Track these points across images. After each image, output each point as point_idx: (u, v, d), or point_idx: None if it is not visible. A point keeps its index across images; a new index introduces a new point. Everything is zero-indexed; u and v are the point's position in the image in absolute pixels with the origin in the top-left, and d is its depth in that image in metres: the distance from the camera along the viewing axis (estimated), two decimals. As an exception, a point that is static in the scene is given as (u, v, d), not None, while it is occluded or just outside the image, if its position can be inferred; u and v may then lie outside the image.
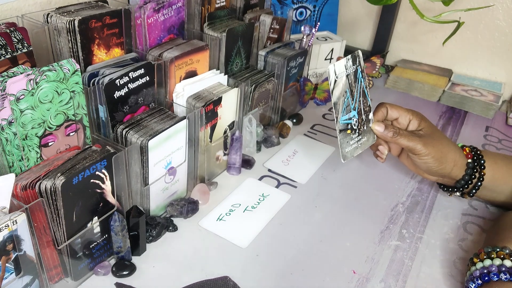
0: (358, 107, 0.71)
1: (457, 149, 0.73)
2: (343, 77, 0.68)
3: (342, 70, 0.68)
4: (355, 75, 0.70)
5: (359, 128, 0.71)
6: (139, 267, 0.62)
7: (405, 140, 0.69)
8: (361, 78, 0.71)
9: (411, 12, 0.99)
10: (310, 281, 0.62)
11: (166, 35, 0.78)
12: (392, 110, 0.73)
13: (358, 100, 0.71)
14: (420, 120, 0.72)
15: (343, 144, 0.69)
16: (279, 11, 1.18)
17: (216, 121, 0.75)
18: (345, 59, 0.68)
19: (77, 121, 0.60)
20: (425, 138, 0.70)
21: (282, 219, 0.72)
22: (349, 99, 0.69)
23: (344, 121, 0.69)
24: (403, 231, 0.72)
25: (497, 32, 1.17)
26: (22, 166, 0.55)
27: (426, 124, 0.72)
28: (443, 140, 0.72)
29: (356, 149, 0.71)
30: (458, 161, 0.72)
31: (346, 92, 0.69)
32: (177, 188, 0.72)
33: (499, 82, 1.21)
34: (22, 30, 0.58)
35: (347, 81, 0.69)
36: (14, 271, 0.49)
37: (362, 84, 0.72)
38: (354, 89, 0.70)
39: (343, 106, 0.69)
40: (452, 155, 0.71)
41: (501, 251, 0.58)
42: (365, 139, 0.72)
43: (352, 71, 0.69)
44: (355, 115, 0.70)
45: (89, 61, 0.66)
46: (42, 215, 0.50)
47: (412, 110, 0.73)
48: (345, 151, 0.70)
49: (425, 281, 0.63)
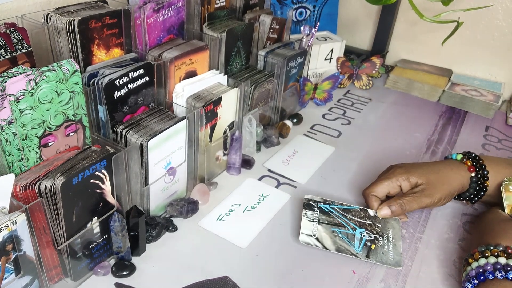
0: (355, 221, 0.70)
1: (456, 168, 0.72)
2: (318, 228, 0.68)
3: (310, 226, 0.68)
4: (323, 212, 0.71)
5: (376, 232, 0.69)
6: (139, 267, 0.62)
7: (415, 204, 0.69)
8: (329, 207, 0.71)
9: (411, 12, 0.99)
10: (310, 281, 0.62)
11: (165, 35, 0.78)
12: (377, 191, 0.71)
13: (348, 220, 0.70)
14: (407, 178, 0.70)
15: (382, 258, 0.65)
16: (278, 11, 1.18)
17: (216, 121, 0.75)
18: (303, 218, 0.69)
19: (76, 121, 0.60)
20: (427, 190, 0.69)
21: (282, 219, 0.72)
22: (342, 232, 0.68)
23: (360, 247, 0.66)
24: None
25: (496, 32, 1.17)
26: (21, 166, 0.55)
27: (415, 176, 0.70)
28: (440, 176, 0.71)
29: (395, 246, 0.67)
30: (463, 179, 0.72)
31: (334, 231, 0.68)
32: (177, 188, 0.72)
33: (499, 82, 1.21)
34: (21, 31, 0.58)
35: (325, 226, 0.68)
36: (14, 271, 0.49)
37: (336, 208, 0.72)
38: (337, 221, 0.69)
39: (346, 241, 0.67)
40: (454, 178, 0.71)
41: (494, 249, 0.58)
42: (391, 230, 0.70)
43: (318, 215, 0.70)
44: (360, 231, 0.68)
45: (88, 61, 0.66)
46: (42, 215, 0.50)
47: (393, 174, 0.71)
48: (391, 259, 0.65)
49: (425, 281, 0.63)
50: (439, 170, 0.72)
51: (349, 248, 0.66)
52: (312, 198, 0.73)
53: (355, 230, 0.68)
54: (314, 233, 0.67)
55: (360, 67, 1.18)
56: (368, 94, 1.17)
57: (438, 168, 0.72)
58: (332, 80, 1.06)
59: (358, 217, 0.71)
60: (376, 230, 0.69)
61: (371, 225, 0.70)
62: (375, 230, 0.69)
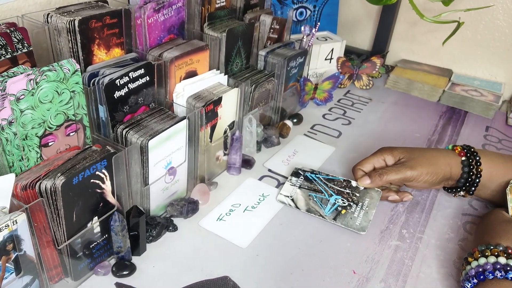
0: (333, 189, 0.75)
1: (445, 152, 0.75)
2: (297, 191, 0.75)
3: (290, 189, 0.75)
4: (307, 180, 0.77)
5: (352, 200, 0.73)
6: (139, 267, 0.62)
7: (394, 174, 0.71)
8: (315, 176, 0.78)
9: (411, 12, 0.99)
10: (310, 281, 0.62)
11: (166, 35, 0.78)
12: (364, 165, 0.75)
13: (328, 188, 0.75)
14: (391, 153, 0.74)
15: (349, 222, 0.70)
16: (279, 11, 1.18)
17: (216, 121, 0.75)
18: (287, 181, 0.77)
19: (77, 121, 0.60)
20: (408, 162, 0.72)
21: (282, 219, 0.72)
22: (318, 195, 0.74)
23: (330, 210, 0.72)
24: (403, 231, 0.72)
25: (497, 32, 1.17)
26: (22, 166, 0.55)
27: (399, 151, 0.74)
28: (426, 154, 0.74)
29: (367, 213, 0.71)
30: (452, 161, 0.73)
31: (311, 195, 0.74)
32: (177, 188, 0.72)
33: (499, 82, 1.21)
34: (22, 30, 0.58)
35: (303, 190, 0.75)
36: (14, 271, 0.49)
37: (320, 177, 0.78)
38: (317, 187, 0.75)
39: (318, 204, 0.72)
40: (443, 160, 0.73)
41: (495, 249, 0.58)
42: (368, 200, 0.74)
43: (301, 181, 0.77)
44: (335, 198, 0.74)
45: (89, 61, 0.66)
46: (42, 215, 0.50)
47: (380, 150, 0.76)
48: (357, 224, 0.70)
49: (425, 281, 0.63)
50: (426, 150, 0.75)
51: (319, 210, 0.71)
52: (302, 168, 0.79)
53: (331, 196, 0.73)
54: (291, 194, 0.74)
55: (360, 67, 1.18)
56: (368, 94, 1.17)
57: (426, 149, 0.76)
58: (333, 80, 1.06)
59: (339, 186, 0.76)
60: (352, 198, 0.73)
61: (350, 194, 0.74)
62: (352, 198, 0.73)
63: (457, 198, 0.79)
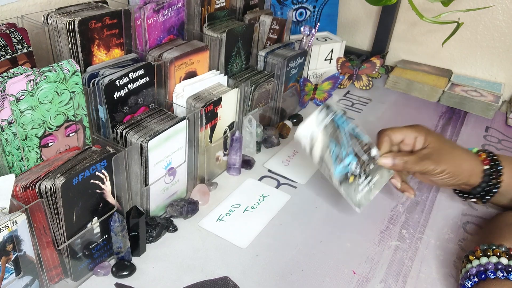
0: (354, 151, 0.67)
1: (471, 157, 0.70)
2: (319, 134, 0.65)
3: (314, 128, 0.65)
4: (332, 124, 0.67)
5: (364, 170, 0.67)
6: (139, 268, 0.62)
7: (417, 167, 0.67)
8: (343, 122, 0.67)
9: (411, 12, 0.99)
10: (310, 281, 0.62)
11: (166, 35, 0.78)
12: (395, 134, 0.70)
13: (349, 145, 0.67)
14: (425, 135, 0.69)
15: (351, 193, 0.65)
16: (279, 12, 1.18)
17: (216, 122, 0.75)
18: (312, 116, 0.65)
19: (77, 122, 0.60)
20: (435, 155, 0.67)
21: (282, 219, 0.72)
22: (336, 149, 0.66)
23: (339, 173, 0.65)
24: (403, 231, 0.72)
25: (496, 33, 1.17)
26: (22, 166, 0.55)
27: (432, 138, 0.69)
28: (454, 152, 0.69)
29: (370, 192, 0.67)
30: (475, 169, 0.69)
31: (329, 145, 0.65)
32: (177, 188, 0.72)
33: (499, 82, 1.21)
34: (22, 31, 0.58)
35: (325, 136, 0.66)
36: (14, 272, 0.49)
37: (347, 127, 0.68)
38: (339, 138, 0.66)
39: (332, 159, 0.65)
40: (467, 165, 0.69)
41: (497, 249, 0.57)
42: (377, 177, 0.68)
43: (328, 122, 0.66)
44: (351, 160, 0.66)
45: (89, 62, 0.66)
46: (42, 216, 0.50)
47: (416, 126, 0.70)
48: (356, 199, 0.66)
49: (425, 281, 0.63)
50: (455, 149, 0.70)
51: (330, 167, 0.65)
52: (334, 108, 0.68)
53: (347, 156, 0.66)
54: (311, 136, 0.65)
55: (360, 67, 1.18)
56: (368, 95, 1.17)
57: (455, 147, 0.71)
58: (332, 81, 1.06)
59: (360, 147, 0.67)
60: (365, 168, 0.67)
61: (365, 162, 0.67)
62: (365, 168, 0.67)
63: (457, 197, 0.79)
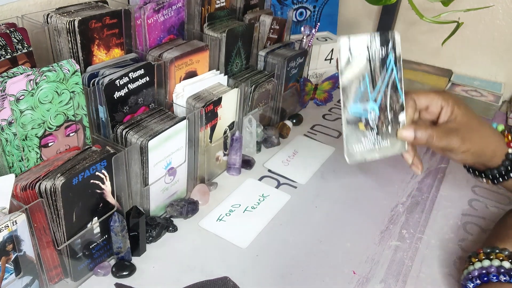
0: (382, 101, 0.57)
1: (497, 137, 0.63)
2: (363, 58, 0.56)
3: (362, 49, 0.56)
4: (382, 60, 0.57)
5: (379, 128, 0.58)
6: (139, 268, 0.62)
7: (443, 142, 0.59)
8: (393, 67, 0.58)
9: (411, 12, 0.99)
10: (310, 282, 0.62)
11: (166, 35, 0.78)
12: (420, 98, 0.61)
13: (382, 92, 0.57)
14: (452, 106, 0.60)
15: (350, 138, 0.56)
16: (279, 12, 1.18)
17: (216, 122, 0.75)
18: (368, 35, 0.56)
19: (77, 122, 0.60)
20: (462, 132, 0.59)
21: (282, 219, 0.72)
22: (368, 87, 0.56)
23: (355, 112, 0.56)
24: (403, 231, 0.72)
25: (496, 32, 1.17)
26: (22, 166, 0.55)
27: (460, 110, 0.60)
28: (482, 130, 0.61)
29: (371, 152, 0.58)
30: (498, 151, 0.62)
31: (365, 77, 0.56)
32: (177, 188, 0.72)
33: (499, 82, 1.20)
34: (22, 31, 0.58)
35: (368, 65, 0.56)
36: (14, 272, 0.49)
37: (395, 75, 0.58)
38: (379, 78, 0.57)
39: (357, 94, 0.56)
40: (492, 146, 0.62)
41: (500, 253, 0.56)
42: (387, 144, 0.59)
43: (379, 55, 0.57)
44: (374, 108, 0.57)
45: (89, 62, 0.66)
46: (42, 216, 0.50)
47: (443, 94, 0.61)
48: (353, 148, 0.57)
49: (425, 281, 0.63)
50: (483, 126, 0.62)
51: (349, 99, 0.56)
52: (399, 47, 0.60)
53: (373, 101, 0.57)
54: (356, 54, 0.56)
55: (360, 67, 1.18)
56: (368, 95, 1.17)
57: (483, 123, 0.63)
58: (332, 81, 1.06)
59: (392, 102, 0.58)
60: (382, 127, 0.58)
61: (384, 120, 0.58)
62: (382, 125, 0.58)
63: (458, 198, 0.79)
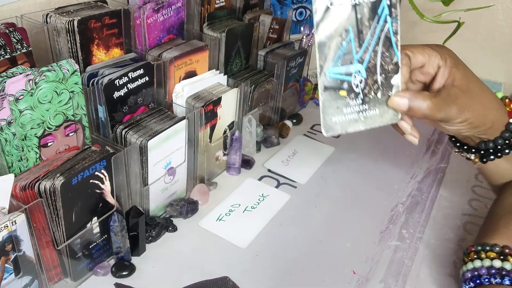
0: (371, 62, 0.47)
1: (498, 105, 0.56)
2: (347, 5, 0.45)
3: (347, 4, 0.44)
4: (373, 7, 0.46)
5: (365, 94, 0.47)
6: (138, 268, 0.62)
7: (441, 114, 0.51)
8: (387, 18, 0.48)
9: (411, 12, 0.99)
10: (309, 282, 0.62)
11: (165, 35, 0.78)
12: (415, 55, 0.52)
13: (371, 51, 0.47)
14: (451, 67, 0.53)
15: (328, 108, 0.46)
16: (278, 11, 1.18)
17: (216, 121, 0.75)
18: None
19: (76, 122, 0.60)
20: (462, 99, 0.52)
21: (282, 219, 0.72)
22: (352, 43, 0.46)
23: (335, 75, 0.46)
24: (403, 231, 0.72)
25: (497, 32, 1.17)
26: (21, 166, 0.55)
27: (459, 73, 0.53)
28: (483, 96, 0.54)
29: (354, 123, 0.48)
30: (498, 121, 0.55)
31: (348, 31, 0.45)
32: (176, 188, 0.72)
33: (499, 82, 1.20)
34: (21, 31, 0.58)
35: (353, 15, 0.45)
36: (13, 272, 0.49)
37: (389, 26, 0.48)
38: (367, 32, 0.46)
39: (338, 52, 0.45)
40: (493, 115, 0.55)
41: (490, 251, 0.54)
42: (375, 112, 0.48)
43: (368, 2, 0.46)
44: (360, 71, 0.47)
45: (88, 62, 0.66)
46: (42, 216, 0.50)
47: (441, 49, 0.53)
48: (332, 120, 0.47)
49: (425, 281, 0.63)
50: (485, 90, 0.55)
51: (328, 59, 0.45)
52: None
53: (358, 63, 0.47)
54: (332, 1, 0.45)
55: (360, 67, 1.18)
56: (368, 94, 1.17)
57: (485, 88, 0.55)
58: (332, 80, 1.06)
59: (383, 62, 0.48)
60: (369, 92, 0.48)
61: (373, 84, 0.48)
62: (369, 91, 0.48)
63: (458, 198, 0.79)
